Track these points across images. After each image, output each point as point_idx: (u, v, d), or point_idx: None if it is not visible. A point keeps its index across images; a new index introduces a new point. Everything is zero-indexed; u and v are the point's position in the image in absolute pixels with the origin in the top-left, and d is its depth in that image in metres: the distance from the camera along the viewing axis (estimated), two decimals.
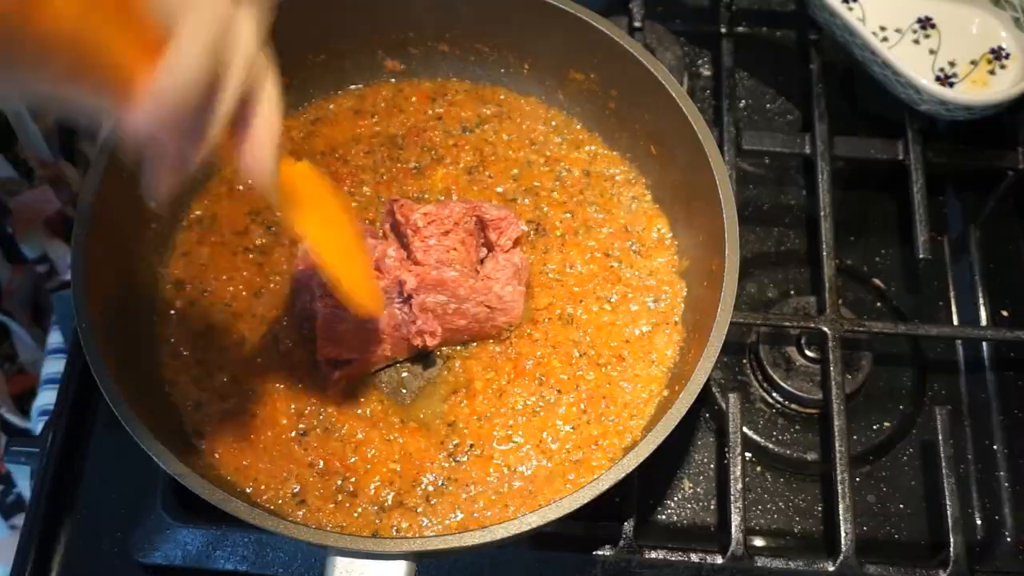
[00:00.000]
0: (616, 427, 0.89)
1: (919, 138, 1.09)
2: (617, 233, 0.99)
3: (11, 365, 1.34)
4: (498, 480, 0.86)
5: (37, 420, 1.19)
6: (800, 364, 1.02)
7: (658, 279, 0.96)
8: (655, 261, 0.97)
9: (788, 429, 1.02)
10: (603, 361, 0.92)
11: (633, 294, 0.96)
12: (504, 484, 0.86)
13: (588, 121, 1.05)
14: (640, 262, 0.97)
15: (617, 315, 0.95)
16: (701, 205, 0.91)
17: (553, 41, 1.00)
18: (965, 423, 1.04)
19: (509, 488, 0.86)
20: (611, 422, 0.89)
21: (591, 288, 0.96)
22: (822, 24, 1.14)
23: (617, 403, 0.90)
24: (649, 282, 0.96)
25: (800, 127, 1.20)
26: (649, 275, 0.97)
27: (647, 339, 0.93)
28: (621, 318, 0.95)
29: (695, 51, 1.25)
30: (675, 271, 0.97)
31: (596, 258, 0.97)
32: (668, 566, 0.91)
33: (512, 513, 0.84)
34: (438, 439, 0.88)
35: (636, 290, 0.96)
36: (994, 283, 1.10)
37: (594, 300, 0.95)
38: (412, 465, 0.87)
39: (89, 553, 0.93)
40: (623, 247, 0.98)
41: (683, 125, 0.92)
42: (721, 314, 0.83)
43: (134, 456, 0.96)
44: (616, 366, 0.92)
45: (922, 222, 1.05)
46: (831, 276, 1.01)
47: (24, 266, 1.30)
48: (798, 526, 0.99)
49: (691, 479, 1.00)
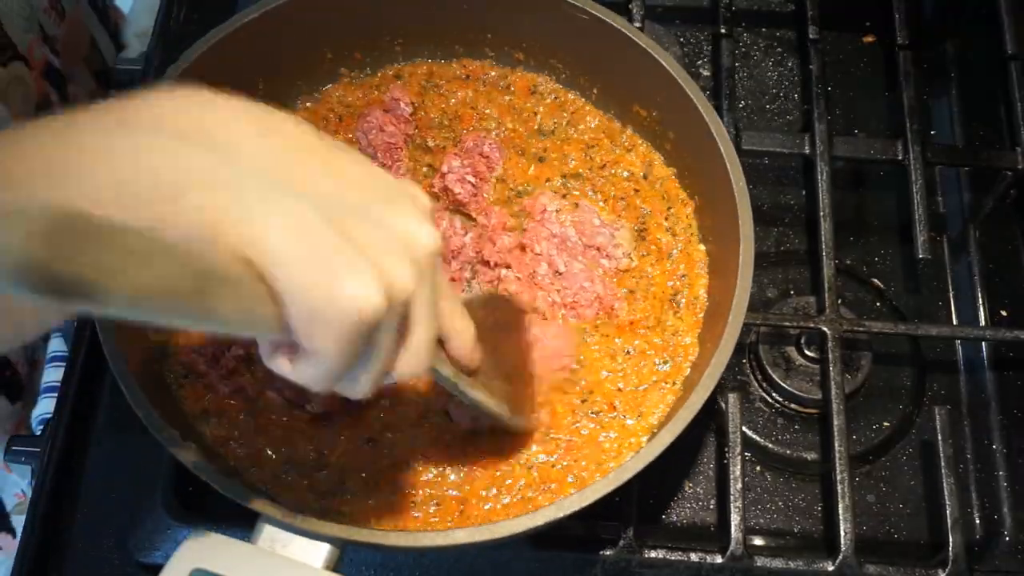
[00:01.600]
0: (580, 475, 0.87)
1: (919, 138, 1.09)
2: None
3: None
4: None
5: (36, 429, 1.19)
6: (800, 364, 1.03)
7: (677, 340, 0.93)
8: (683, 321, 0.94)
9: (788, 429, 1.02)
10: (596, 409, 0.90)
11: (652, 350, 0.92)
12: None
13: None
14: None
15: (626, 365, 0.92)
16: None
17: (622, 70, 0.98)
18: (964, 423, 1.04)
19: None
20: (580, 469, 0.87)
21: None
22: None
23: (593, 450, 0.88)
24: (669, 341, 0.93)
25: (800, 127, 1.20)
26: (674, 334, 0.93)
27: (642, 395, 0.90)
28: (628, 368, 0.92)
29: (695, 51, 1.25)
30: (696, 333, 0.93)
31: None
32: (668, 566, 0.91)
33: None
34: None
35: (655, 347, 0.92)
36: (993, 283, 1.10)
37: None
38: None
39: (89, 553, 0.94)
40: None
41: (729, 192, 0.89)
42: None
43: (134, 456, 0.97)
44: (607, 414, 0.90)
45: (922, 222, 1.05)
46: (831, 276, 1.01)
47: None
48: (798, 526, 0.99)
49: (691, 479, 1.00)
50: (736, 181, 0.88)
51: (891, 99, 1.21)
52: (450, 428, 0.88)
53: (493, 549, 0.92)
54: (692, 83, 0.93)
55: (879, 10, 1.23)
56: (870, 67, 1.25)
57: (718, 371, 0.80)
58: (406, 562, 0.92)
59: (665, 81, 0.94)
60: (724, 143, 0.90)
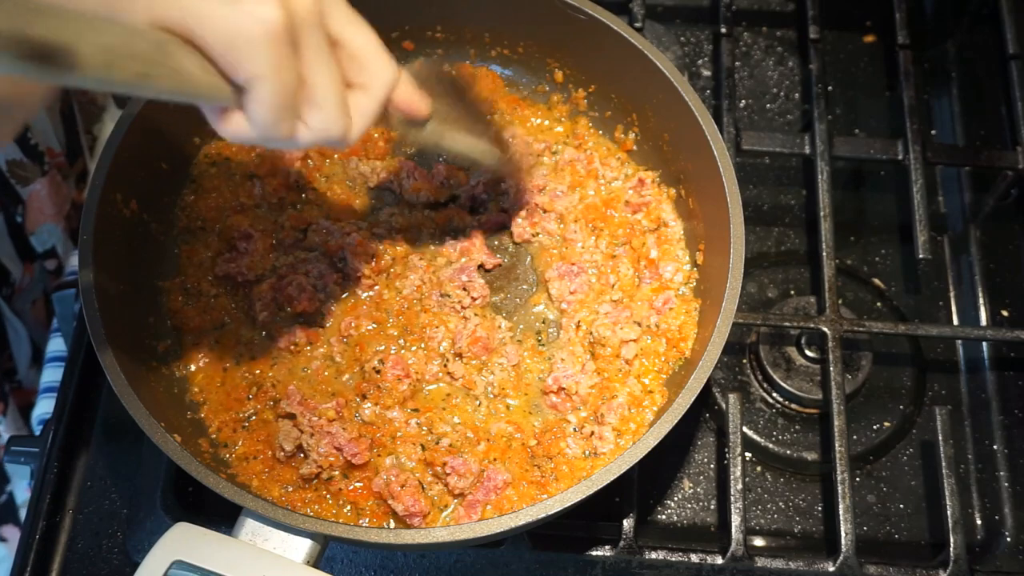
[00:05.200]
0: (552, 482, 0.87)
1: (919, 138, 1.09)
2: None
3: (10, 383, 1.34)
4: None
5: (36, 429, 1.19)
6: (800, 364, 1.02)
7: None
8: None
9: (788, 429, 1.02)
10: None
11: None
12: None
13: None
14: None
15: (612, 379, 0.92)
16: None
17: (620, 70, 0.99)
18: (965, 423, 1.04)
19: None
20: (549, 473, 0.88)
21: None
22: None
23: (565, 458, 0.88)
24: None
25: (800, 127, 1.20)
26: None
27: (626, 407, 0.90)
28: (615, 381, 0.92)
29: (695, 51, 1.25)
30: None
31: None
32: (668, 566, 0.91)
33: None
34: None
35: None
36: (994, 283, 1.10)
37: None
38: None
39: (89, 553, 0.94)
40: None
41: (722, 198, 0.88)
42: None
43: (134, 456, 0.97)
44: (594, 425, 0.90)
45: (922, 222, 1.05)
46: (831, 276, 1.01)
47: (34, 264, 1.30)
48: (798, 526, 0.99)
49: (691, 479, 1.00)
50: (731, 195, 0.87)
51: (891, 99, 1.21)
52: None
53: (494, 550, 0.92)
54: (687, 85, 0.93)
55: (880, 10, 1.23)
56: (870, 67, 1.25)
57: (706, 371, 0.80)
58: (407, 563, 0.92)
59: (663, 84, 0.94)
60: (718, 146, 0.90)
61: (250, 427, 0.88)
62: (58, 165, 1.28)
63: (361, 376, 0.91)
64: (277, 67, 0.60)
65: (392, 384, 0.89)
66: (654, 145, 1.00)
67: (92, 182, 0.86)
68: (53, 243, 1.31)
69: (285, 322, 0.93)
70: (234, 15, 0.57)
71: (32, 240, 1.29)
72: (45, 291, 1.34)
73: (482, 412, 0.90)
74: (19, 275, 1.29)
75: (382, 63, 0.69)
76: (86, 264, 0.82)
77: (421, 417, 0.89)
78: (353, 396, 0.90)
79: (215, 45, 0.58)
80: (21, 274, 1.29)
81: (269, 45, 0.59)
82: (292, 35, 0.60)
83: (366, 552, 0.93)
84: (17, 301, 1.30)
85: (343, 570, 0.92)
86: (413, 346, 0.92)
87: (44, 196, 1.26)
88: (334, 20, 0.65)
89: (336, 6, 0.66)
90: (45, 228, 1.29)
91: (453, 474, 0.85)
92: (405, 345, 0.92)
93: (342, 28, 0.66)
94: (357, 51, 0.67)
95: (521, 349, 0.93)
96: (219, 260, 0.95)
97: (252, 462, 0.86)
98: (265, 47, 0.59)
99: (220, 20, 0.57)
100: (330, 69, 0.64)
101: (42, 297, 1.34)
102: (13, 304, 1.29)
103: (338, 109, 0.65)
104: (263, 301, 0.93)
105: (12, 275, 1.27)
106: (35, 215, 1.27)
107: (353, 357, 0.92)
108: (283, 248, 0.96)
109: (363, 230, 0.97)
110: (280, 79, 0.60)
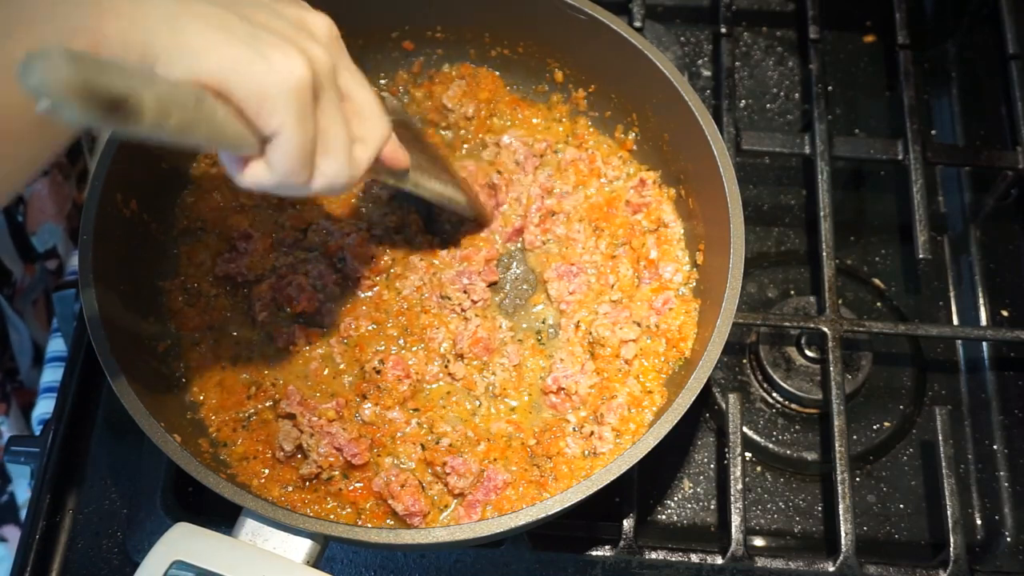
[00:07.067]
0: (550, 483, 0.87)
1: (919, 138, 1.09)
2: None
3: (12, 383, 1.34)
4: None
5: (36, 429, 1.19)
6: (800, 364, 1.02)
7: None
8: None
9: (788, 429, 1.02)
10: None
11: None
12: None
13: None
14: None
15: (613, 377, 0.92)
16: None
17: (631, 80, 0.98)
18: (965, 423, 1.04)
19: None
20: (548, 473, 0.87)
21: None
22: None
23: (564, 458, 0.88)
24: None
25: (800, 127, 1.20)
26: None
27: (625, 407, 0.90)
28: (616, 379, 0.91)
29: (695, 51, 1.25)
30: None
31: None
32: (668, 566, 0.91)
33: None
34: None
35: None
36: (994, 283, 1.10)
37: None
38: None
39: (89, 553, 0.94)
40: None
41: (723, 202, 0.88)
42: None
43: (134, 456, 0.97)
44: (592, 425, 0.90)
45: (922, 222, 1.05)
46: (831, 276, 1.01)
47: (35, 264, 1.30)
48: (798, 526, 0.99)
49: (691, 479, 1.00)
50: (731, 195, 0.87)
51: (891, 99, 1.21)
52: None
53: (494, 550, 0.92)
54: (687, 85, 0.93)
55: (880, 10, 1.23)
56: (870, 67, 1.25)
57: (706, 372, 0.80)
58: (407, 563, 0.92)
59: (663, 84, 0.94)
60: (718, 146, 0.89)
61: (250, 427, 0.88)
62: (59, 165, 1.28)
63: (361, 376, 0.91)
64: (303, 118, 0.63)
65: (392, 384, 0.89)
66: (654, 145, 1.00)
67: (92, 182, 0.86)
68: (54, 243, 1.31)
69: (285, 322, 0.93)
70: (268, 71, 0.61)
71: (33, 240, 1.29)
72: (46, 291, 1.34)
73: (482, 412, 0.90)
74: (20, 275, 1.29)
75: (380, 119, 0.73)
76: (86, 264, 0.82)
77: (421, 417, 0.89)
78: (353, 396, 0.90)
79: (249, 98, 0.61)
80: (22, 274, 1.30)
81: (298, 98, 0.62)
82: (315, 90, 0.64)
83: (366, 552, 0.93)
84: (18, 301, 1.30)
85: (343, 570, 0.92)
86: (413, 346, 0.92)
87: (45, 196, 1.26)
88: (343, 77, 0.69)
89: (345, 63, 0.71)
90: (46, 228, 1.30)
91: (453, 474, 0.85)
92: (405, 345, 0.92)
93: (349, 84, 0.70)
94: (360, 106, 0.71)
95: (522, 349, 0.93)
96: (219, 260, 0.95)
97: (252, 462, 0.86)
98: (295, 100, 0.62)
99: (255, 75, 0.61)
100: (343, 121, 0.68)
101: (43, 297, 1.34)
102: (14, 304, 1.29)
103: (348, 158, 0.69)
104: (263, 301, 0.93)
105: (13, 275, 1.28)
106: (36, 215, 1.27)
107: (353, 357, 0.92)
108: (283, 248, 0.96)
109: (362, 231, 0.97)
110: (304, 129, 0.64)
